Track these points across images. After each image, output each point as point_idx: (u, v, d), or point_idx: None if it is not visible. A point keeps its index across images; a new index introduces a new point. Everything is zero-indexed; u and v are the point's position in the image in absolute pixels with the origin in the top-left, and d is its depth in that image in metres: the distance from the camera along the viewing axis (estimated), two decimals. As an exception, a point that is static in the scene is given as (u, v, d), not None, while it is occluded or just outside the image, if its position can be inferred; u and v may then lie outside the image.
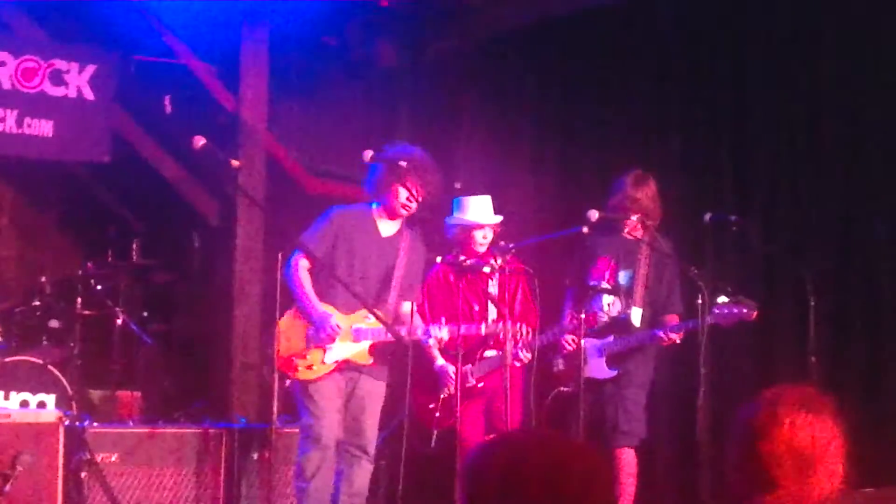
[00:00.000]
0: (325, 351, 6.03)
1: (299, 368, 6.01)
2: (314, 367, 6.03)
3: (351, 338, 6.07)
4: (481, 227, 6.63)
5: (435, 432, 6.53)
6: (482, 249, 6.64)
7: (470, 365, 6.56)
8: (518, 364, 6.48)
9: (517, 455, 2.08)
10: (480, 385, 6.59)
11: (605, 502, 2.06)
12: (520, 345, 6.43)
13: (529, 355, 6.46)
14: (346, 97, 9.50)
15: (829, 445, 2.59)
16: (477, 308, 6.65)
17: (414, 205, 6.13)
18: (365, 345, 6.08)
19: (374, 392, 6.17)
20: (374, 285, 6.13)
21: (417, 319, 6.20)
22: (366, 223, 6.19)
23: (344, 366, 6.08)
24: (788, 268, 7.26)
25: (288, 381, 6.03)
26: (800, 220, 7.50)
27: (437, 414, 6.49)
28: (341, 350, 6.06)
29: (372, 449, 6.16)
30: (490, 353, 6.58)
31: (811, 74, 7.50)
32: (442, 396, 6.49)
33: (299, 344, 6.02)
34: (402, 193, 6.09)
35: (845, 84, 7.39)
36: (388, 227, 6.23)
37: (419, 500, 6.74)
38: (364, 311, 6.04)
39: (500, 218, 6.69)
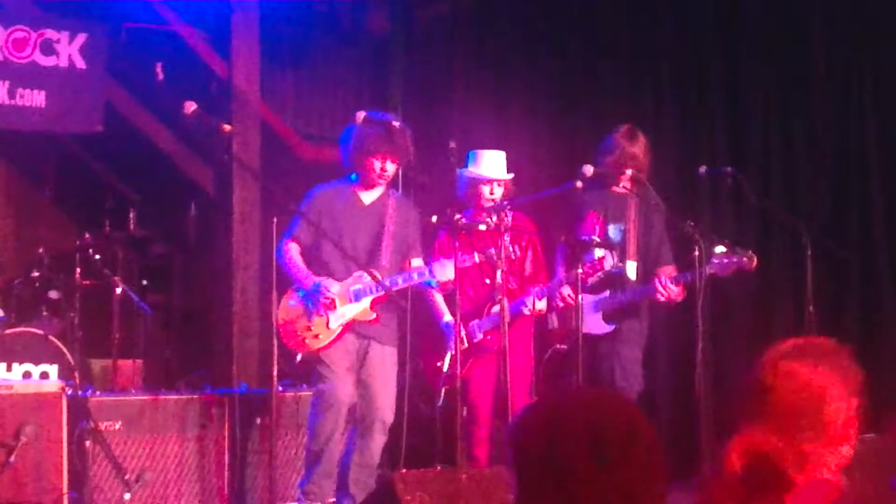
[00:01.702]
0: (327, 317, 6.09)
1: (306, 340, 6.11)
2: (321, 336, 6.11)
3: (351, 299, 6.13)
4: (488, 181, 6.61)
5: (443, 390, 6.53)
6: (490, 205, 6.62)
7: (476, 320, 6.57)
8: (527, 312, 6.48)
9: (556, 415, 2.09)
10: (489, 338, 6.58)
11: (647, 459, 2.07)
12: (533, 292, 6.45)
13: (541, 304, 6.46)
14: (338, 63, 9.49)
15: (819, 398, 2.61)
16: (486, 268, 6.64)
17: (389, 173, 6.20)
18: (366, 302, 6.15)
19: (386, 359, 6.22)
20: (364, 254, 6.20)
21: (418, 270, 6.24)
22: (346, 196, 6.27)
23: (350, 328, 6.14)
24: (784, 219, 7.27)
25: (298, 357, 6.07)
26: (794, 170, 7.52)
27: (446, 370, 6.48)
28: (343, 312, 6.13)
29: (387, 417, 6.18)
30: (497, 308, 6.55)
31: (804, 24, 7.50)
32: (450, 354, 6.49)
33: (301, 318, 6.12)
34: (375, 165, 6.17)
35: (838, 33, 7.39)
36: (369, 195, 6.30)
37: (423, 460, 6.76)
38: (358, 275, 6.11)
39: (508, 175, 6.66)
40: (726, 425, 2.67)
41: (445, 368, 6.42)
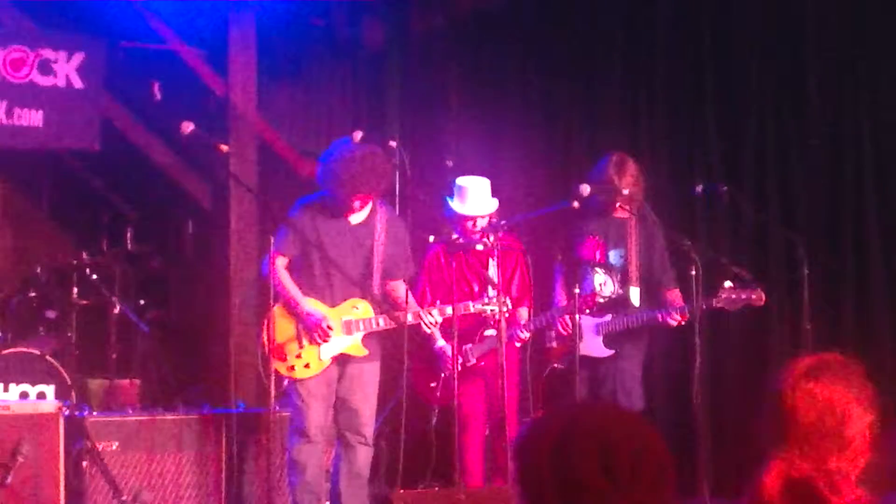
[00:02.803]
0: (319, 349, 6.05)
1: (296, 368, 6.05)
2: (311, 366, 6.07)
3: (343, 330, 6.09)
4: (472, 218, 6.64)
5: (436, 409, 6.58)
6: (486, 226, 6.64)
7: (470, 344, 6.61)
8: (518, 344, 6.54)
9: (567, 429, 2.07)
10: (482, 364, 6.63)
11: (658, 473, 2.05)
12: (521, 324, 6.50)
13: (528, 334, 6.51)
14: (335, 78, 9.49)
15: (840, 415, 2.65)
16: (477, 288, 6.67)
17: (365, 202, 6.07)
18: (358, 336, 6.11)
19: (365, 372, 6.18)
20: (354, 274, 6.12)
21: (411, 300, 6.21)
22: (332, 213, 6.13)
23: (339, 359, 6.12)
24: (780, 235, 7.28)
25: (286, 382, 6.04)
26: (790, 187, 7.53)
27: (438, 393, 6.53)
28: (336, 345, 6.09)
29: (369, 431, 6.18)
30: (490, 332, 6.59)
31: (796, 41, 7.52)
32: (443, 375, 6.52)
33: (292, 341, 6.05)
34: (351, 202, 6.06)
35: (830, 50, 7.41)
36: (357, 215, 6.17)
37: (420, 479, 6.78)
38: (352, 301, 6.08)
39: (489, 209, 6.64)
40: (752, 449, 2.71)
41: (439, 393, 6.48)
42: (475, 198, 6.64)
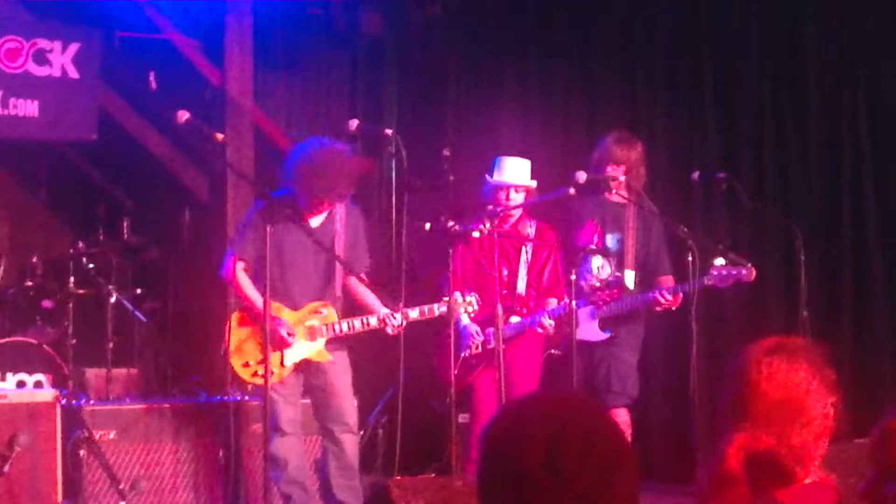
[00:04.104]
0: (282, 354, 6.00)
1: (258, 373, 5.93)
2: (275, 372, 5.95)
3: (306, 336, 6.04)
4: (506, 188, 6.64)
5: (453, 392, 6.56)
6: (512, 210, 6.66)
7: (493, 328, 6.60)
8: (541, 331, 6.53)
9: (518, 422, 2.05)
10: (503, 347, 6.61)
11: (607, 467, 2.01)
12: (547, 311, 6.49)
13: (552, 322, 6.49)
14: (332, 67, 9.49)
15: (802, 393, 2.69)
16: (506, 273, 6.67)
17: (330, 206, 6.03)
18: (321, 342, 6.06)
19: (337, 364, 6.14)
20: (316, 278, 6.07)
21: (371, 295, 6.14)
22: (291, 215, 5.98)
23: (302, 364, 6.08)
24: (778, 223, 7.28)
25: (250, 387, 5.99)
26: (787, 175, 7.52)
27: (456, 373, 6.51)
28: (299, 350, 6.04)
29: (351, 419, 6.16)
30: (514, 319, 6.59)
31: (795, 30, 7.51)
32: (463, 355, 6.51)
33: (254, 348, 5.97)
34: (316, 203, 6.01)
35: (829, 40, 7.40)
36: (316, 218, 6.11)
37: (418, 466, 6.78)
38: (314, 305, 6.04)
39: (525, 181, 6.67)
40: (717, 426, 2.75)
41: (456, 372, 6.47)
42: (512, 168, 6.66)
